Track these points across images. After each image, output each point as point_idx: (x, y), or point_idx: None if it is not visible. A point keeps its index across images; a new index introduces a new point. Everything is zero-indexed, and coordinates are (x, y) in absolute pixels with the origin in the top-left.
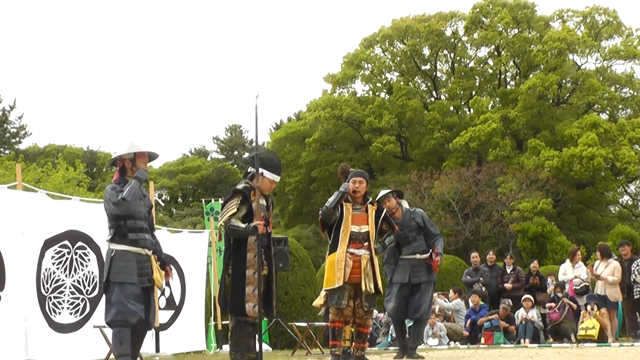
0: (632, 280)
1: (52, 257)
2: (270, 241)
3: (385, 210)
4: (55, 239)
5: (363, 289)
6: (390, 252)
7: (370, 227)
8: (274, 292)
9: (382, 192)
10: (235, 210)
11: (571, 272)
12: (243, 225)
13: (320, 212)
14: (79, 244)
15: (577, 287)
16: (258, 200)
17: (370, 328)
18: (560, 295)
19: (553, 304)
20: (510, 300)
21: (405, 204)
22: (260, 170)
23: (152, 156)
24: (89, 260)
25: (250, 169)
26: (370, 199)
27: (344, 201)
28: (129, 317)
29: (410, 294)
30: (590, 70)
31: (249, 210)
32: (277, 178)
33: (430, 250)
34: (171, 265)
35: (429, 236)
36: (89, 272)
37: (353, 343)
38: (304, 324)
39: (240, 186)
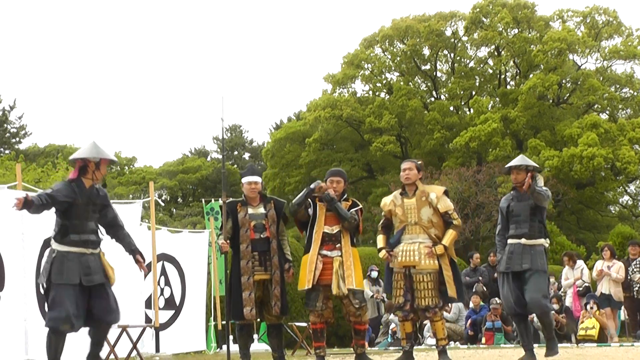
0: (629, 278)
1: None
2: (270, 246)
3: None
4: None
5: (333, 291)
6: (501, 234)
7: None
8: (278, 294)
9: (522, 162)
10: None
11: (572, 275)
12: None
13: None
14: None
15: (580, 289)
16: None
17: (367, 325)
18: (556, 306)
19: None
20: (498, 299)
21: (540, 181)
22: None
23: (112, 162)
24: None
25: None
26: (347, 196)
27: (319, 201)
28: (61, 325)
29: (518, 285)
30: (590, 70)
31: (235, 223)
32: (253, 178)
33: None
34: (141, 254)
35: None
36: None
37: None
38: (304, 324)
39: (228, 200)
